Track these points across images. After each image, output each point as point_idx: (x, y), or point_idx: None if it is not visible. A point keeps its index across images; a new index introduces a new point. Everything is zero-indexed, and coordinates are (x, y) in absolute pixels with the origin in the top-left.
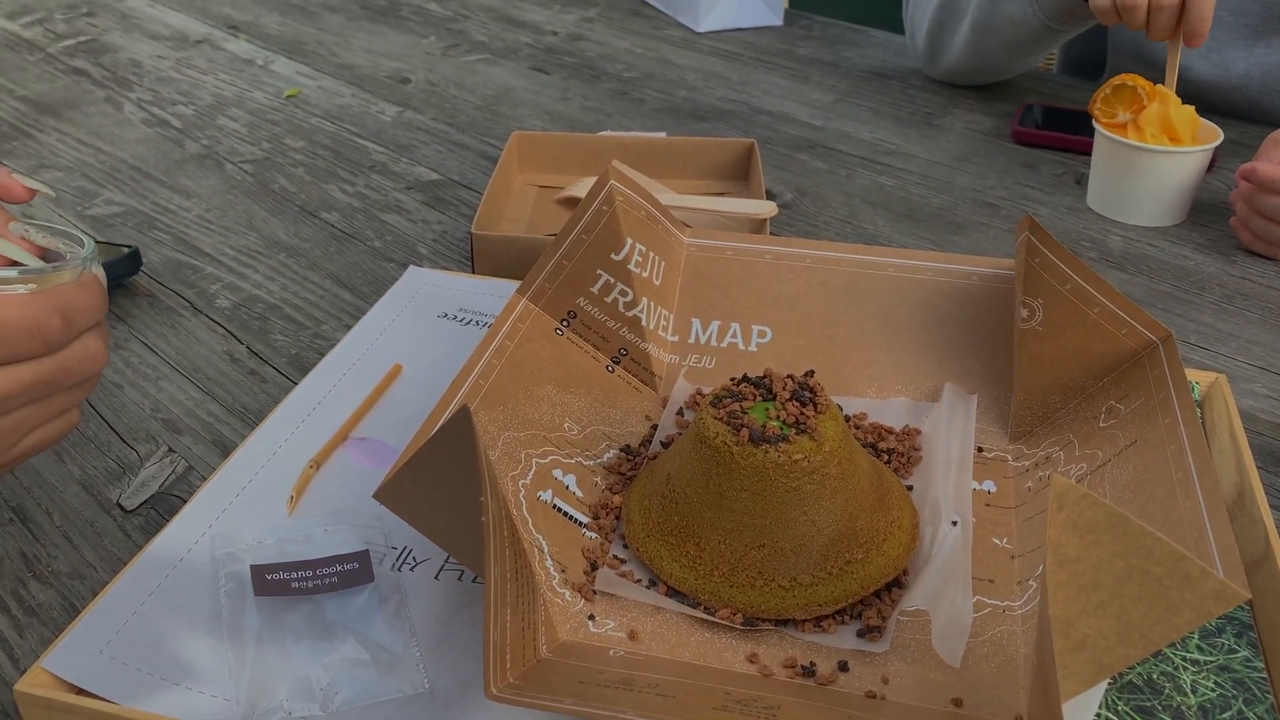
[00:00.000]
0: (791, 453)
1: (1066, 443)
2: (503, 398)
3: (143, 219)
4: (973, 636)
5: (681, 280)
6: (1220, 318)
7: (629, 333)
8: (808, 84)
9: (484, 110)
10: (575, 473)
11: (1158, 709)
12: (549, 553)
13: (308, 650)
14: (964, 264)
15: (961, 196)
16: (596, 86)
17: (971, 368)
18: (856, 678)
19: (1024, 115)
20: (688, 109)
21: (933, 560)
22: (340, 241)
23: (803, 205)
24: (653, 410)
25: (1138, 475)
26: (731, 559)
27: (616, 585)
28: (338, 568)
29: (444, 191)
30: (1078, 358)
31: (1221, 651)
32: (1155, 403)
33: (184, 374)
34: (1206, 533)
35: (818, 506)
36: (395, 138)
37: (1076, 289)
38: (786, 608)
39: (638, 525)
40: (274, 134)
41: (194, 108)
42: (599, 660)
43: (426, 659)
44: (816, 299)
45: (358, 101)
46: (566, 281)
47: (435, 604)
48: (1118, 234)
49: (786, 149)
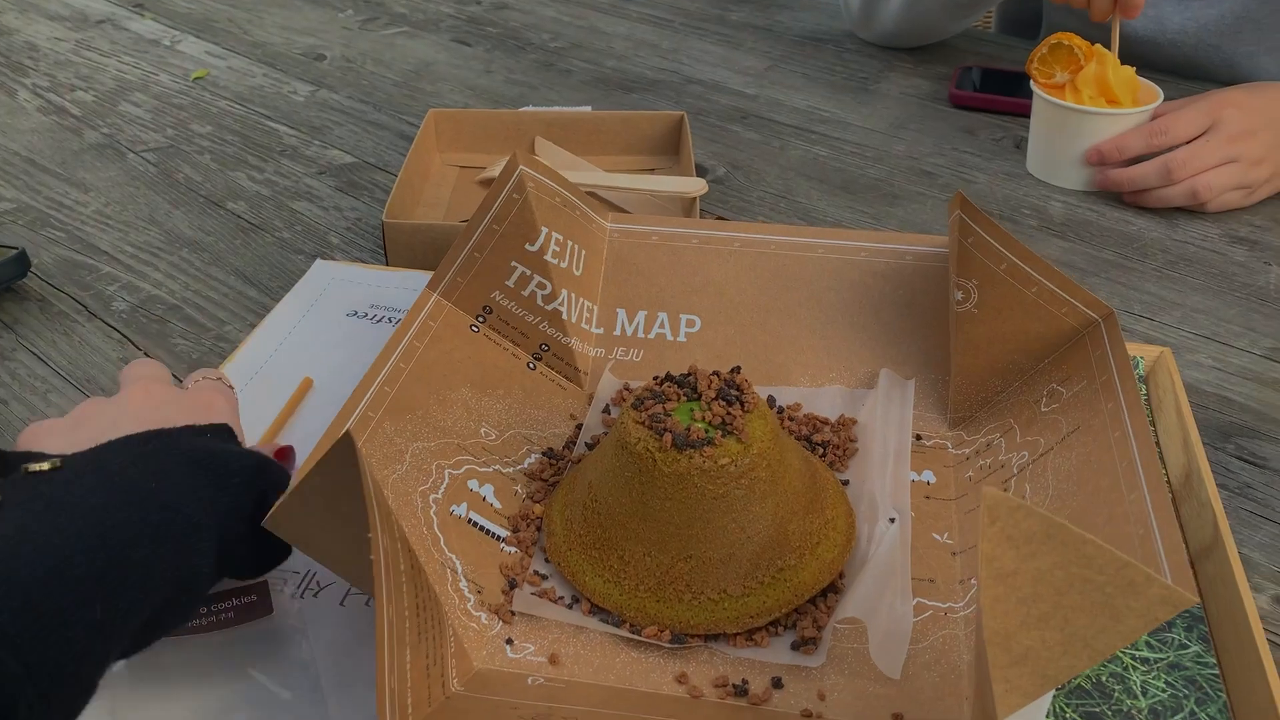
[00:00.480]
0: (717, 457)
1: (1007, 429)
2: (411, 404)
3: (35, 216)
4: (913, 643)
5: (604, 269)
6: (1163, 285)
7: (549, 327)
8: (740, 50)
9: (402, 87)
10: (493, 482)
11: (1107, 714)
12: (463, 573)
13: (202, 695)
14: (898, 243)
15: (898, 165)
16: (521, 58)
17: (908, 352)
18: (791, 695)
19: (961, 78)
20: (616, 80)
21: (870, 562)
22: (246, 233)
23: (735, 180)
24: (578, 408)
25: (1081, 465)
26: (657, 572)
27: (536, 606)
28: (235, 601)
29: (358, 175)
30: (1016, 339)
31: (1172, 648)
32: (1098, 385)
33: (76, 385)
34: (1152, 528)
35: (747, 512)
36: (308, 119)
37: (1012, 268)
38: (716, 621)
39: (559, 537)
40: (180, 119)
41: (94, 93)
42: (516, 692)
43: (331, 696)
44: (746, 284)
45: (269, 82)
46: (479, 275)
47: (341, 632)
48: (1058, 200)
49: (718, 120)
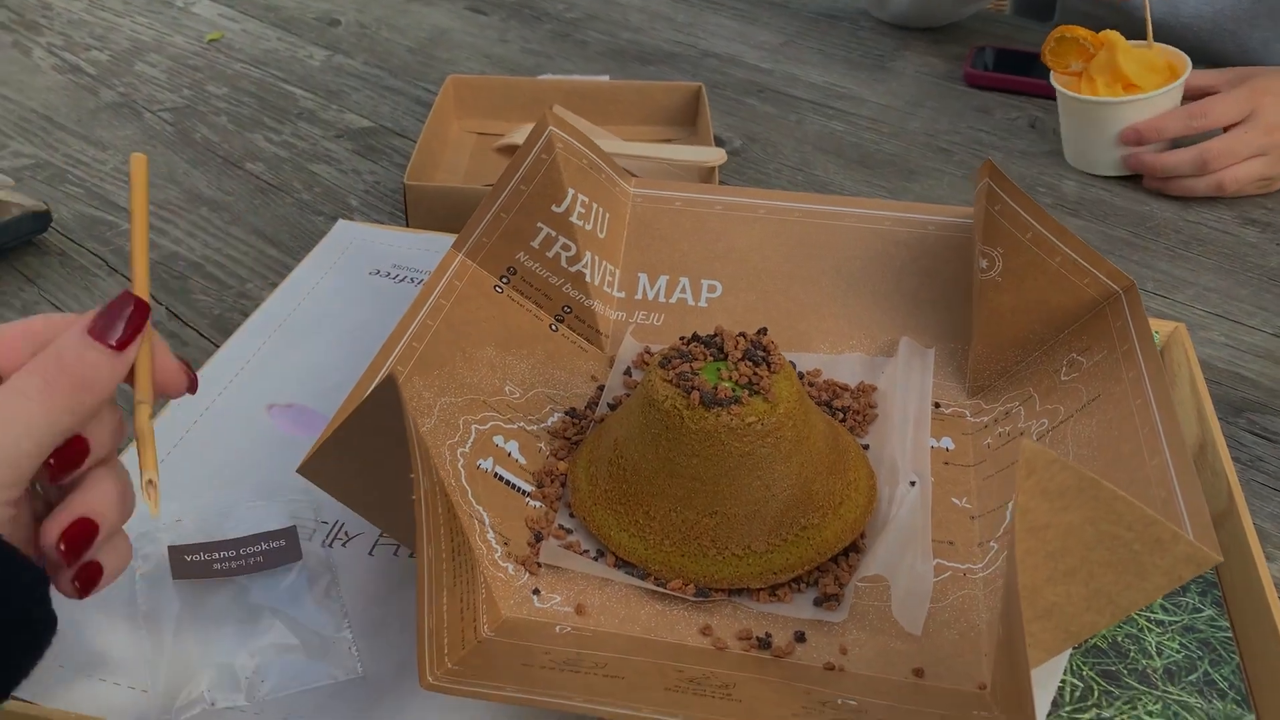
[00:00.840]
0: (744, 415)
1: (1026, 397)
2: (439, 361)
3: (54, 172)
4: (933, 602)
5: (627, 233)
6: (1176, 264)
7: (572, 289)
8: (756, 25)
9: (418, 54)
10: (518, 439)
11: (1123, 673)
12: (490, 525)
13: (231, 636)
14: (921, 213)
15: (914, 142)
16: (537, 28)
17: (929, 321)
18: (814, 648)
19: (976, 58)
20: (633, 51)
21: (891, 523)
22: (266, 194)
23: (752, 152)
24: (599, 370)
25: (1101, 432)
26: (683, 527)
27: (562, 557)
28: (263, 546)
29: (376, 140)
30: (1038, 309)
31: (1186, 611)
32: (1118, 355)
33: None
34: (1175, 492)
35: (772, 471)
36: (324, 83)
37: (1038, 237)
38: (740, 576)
39: (584, 493)
40: (195, 80)
41: (109, 53)
42: (544, 638)
43: (359, 642)
44: (769, 251)
45: (284, 45)
46: (505, 235)
47: (369, 582)
48: (1072, 179)
49: (735, 93)
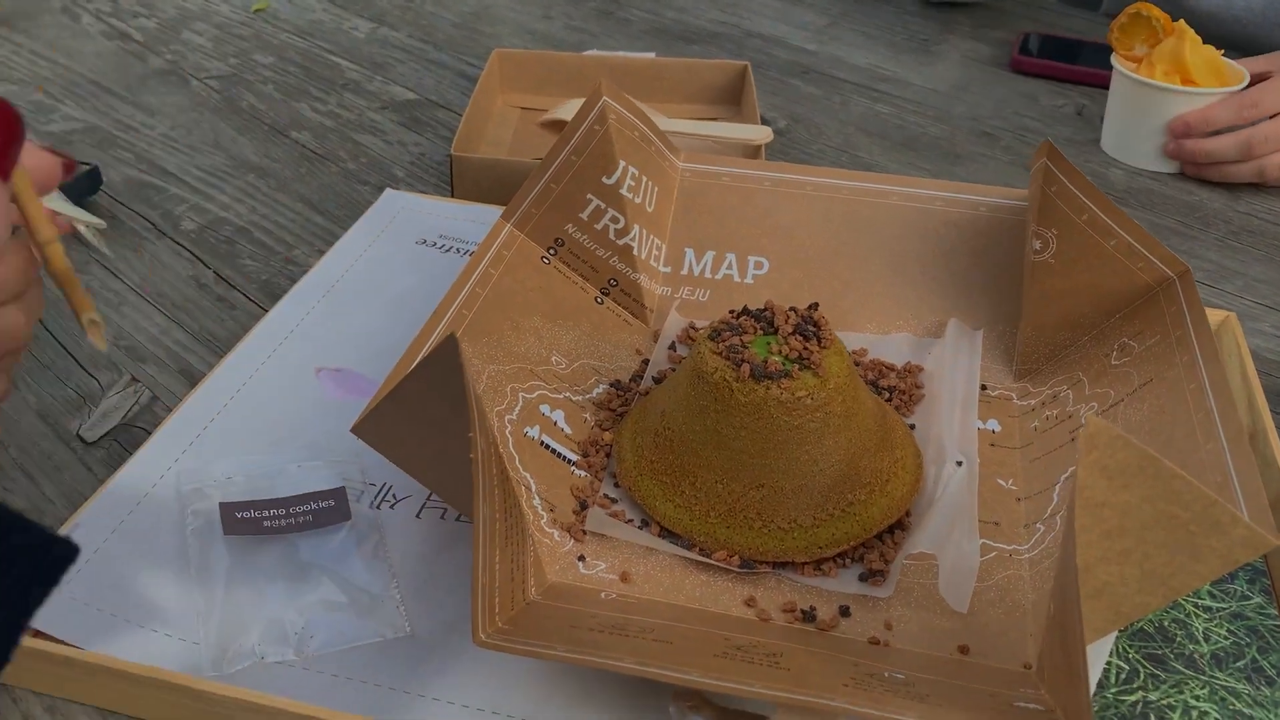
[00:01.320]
0: (795, 389)
1: (1075, 381)
2: (487, 329)
3: (103, 136)
4: (978, 581)
5: (675, 207)
6: (1226, 254)
7: (619, 262)
8: (800, 6)
9: (462, 28)
10: (563, 408)
11: (1169, 657)
12: (537, 491)
13: (281, 592)
14: (972, 193)
15: (959, 126)
16: (581, 5)
17: (978, 302)
18: (859, 623)
19: (1023, 44)
20: (676, 30)
21: (937, 502)
22: (312, 162)
23: (796, 133)
24: (643, 344)
25: (1153, 416)
26: (729, 499)
27: (607, 525)
28: (312, 505)
29: (421, 112)
30: (1090, 292)
31: (1234, 598)
32: (1172, 340)
33: (147, 299)
34: (1231, 476)
35: (820, 445)
36: (369, 55)
37: (1094, 220)
38: (786, 550)
39: (630, 464)
40: (242, 49)
41: (156, 20)
42: (590, 603)
43: (407, 601)
44: (816, 229)
45: (329, 17)
46: (554, 206)
47: (417, 544)
48: (1120, 169)
49: (779, 74)
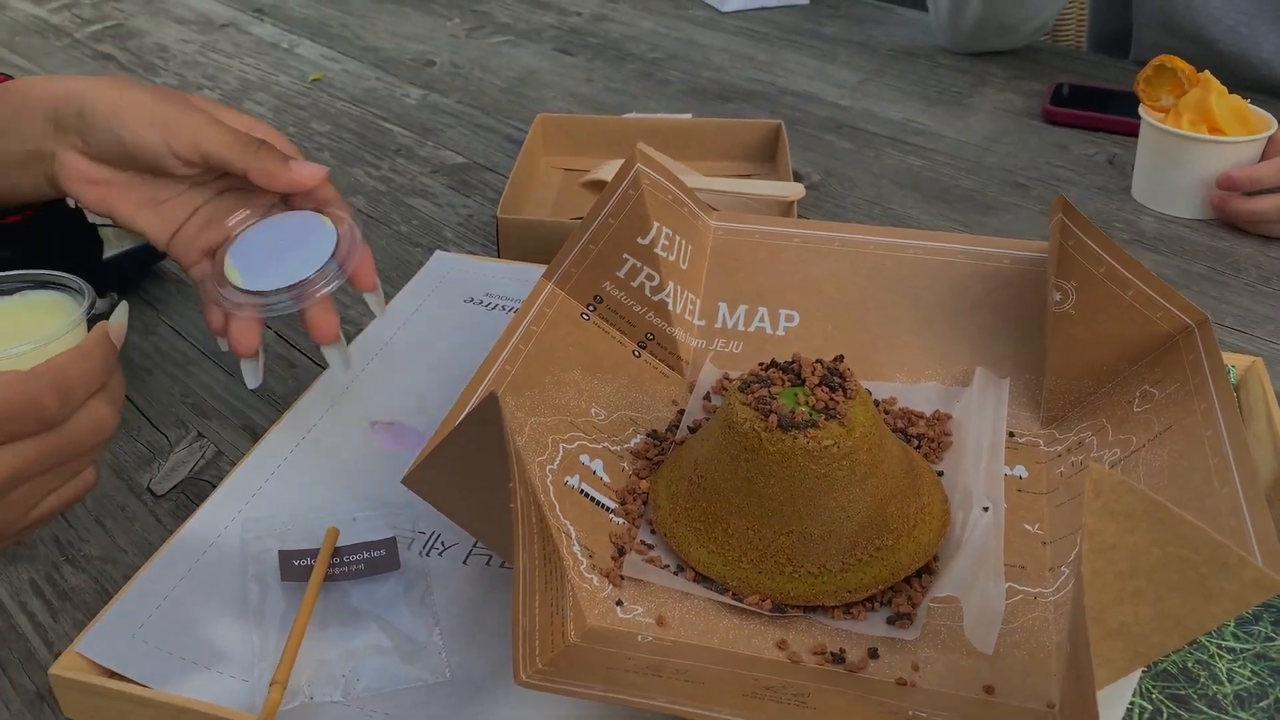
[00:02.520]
0: (821, 438)
1: (1099, 428)
2: (530, 383)
3: None
4: (1004, 624)
5: (708, 264)
6: (1256, 300)
7: (655, 317)
8: (834, 63)
9: (508, 93)
10: (602, 458)
11: (1193, 697)
12: (576, 538)
13: (332, 637)
14: (996, 246)
15: (991, 177)
16: (621, 68)
17: (1003, 352)
18: (887, 665)
19: (1055, 94)
20: (713, 90)
21: (964, 546)
22: (367, 226)
23: (830, 186)
24: (679, 395)
25: (1173, 461)
26: (760, 545)
27: (644, 571)
28: (365, 555)
29: (469, 175)
30: (1111, 342)
31: (1259, 640)
32: (1191, 387)
33: (212, 359)
34: (1245, 520)
35: (848, 493)
36: (420, 121)
37: (1111, 272)
38: (816, 594)
39: (665, 511)
40: (300, 118)
41: (220, 91)
42: (628, 646)
43: (452, 645)
44: (845, 282)
45: (382, 85)
46: (593, 266)
47: (463, 589)
48: (1150, 216)
49: (813, 129)
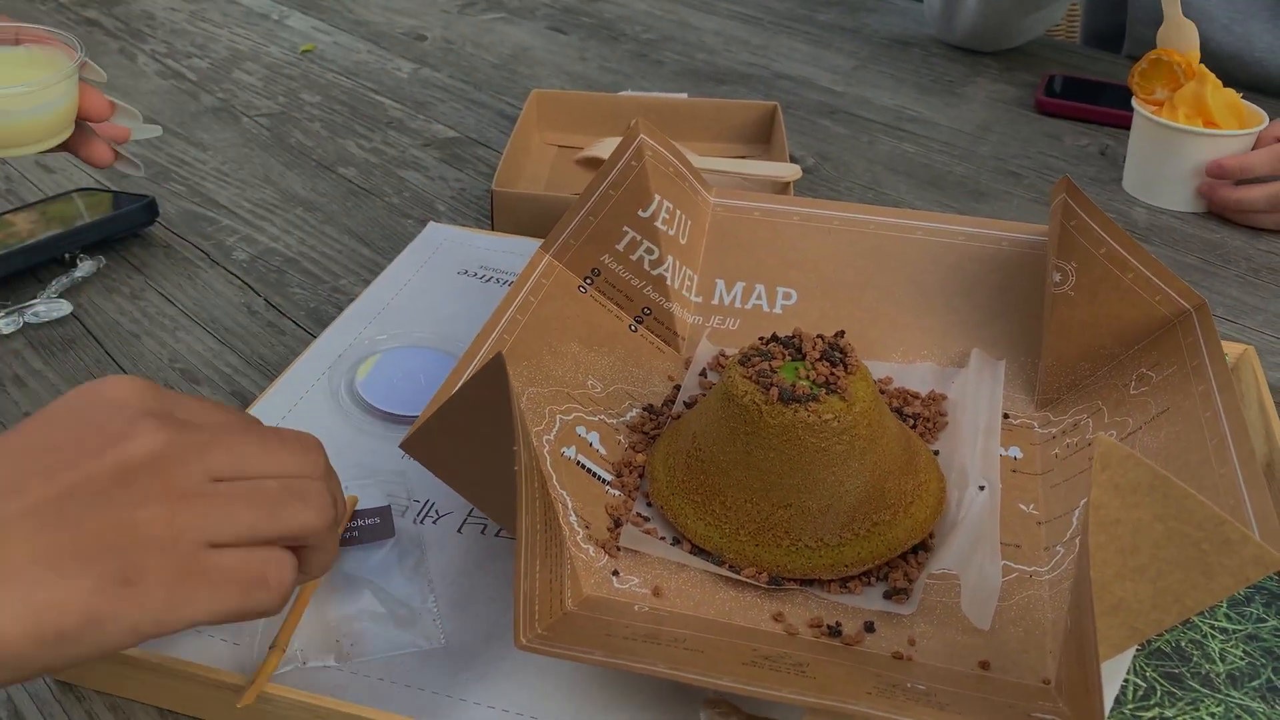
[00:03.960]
0: (821, 412)
1: (1095, 410)
2: (527, 353)
3: (158, 170)
4: (999, 601)
5: (706, 240)
6: (1246, 291)
7: (653, 292)
8: (828, 50)
9: (501, 69)
10: (599, 430)
11: (1186, 675)
12: (573, 508)
13: (325, 602)
14: (994, 229)
15: (984, 165)
16: (615, 47)
17: (1000, 334)
18: (883, 639)
19: (1048, 85)
20: (707, 72)
21: (960, 524)
22: (358, 197)
23: (824, 171)
24: (675, 371)
25: (1170, 442)
26: (758, 518)
27: (641, 542)
28: (359, 523)
29: (462, 149)
30: (1109, 324)
31: (1251, 621)
32: (1188, 370)
33: (201, 325)
34: (1243, 499)
35: (846, 467)
36: (412, 94)
37: (1111, 253)
38: (812, 567)
39: (662, 483)
40: (290, 88)
41: (209, 61)
42: (624, 615)
43: (447, 613)
44: (843, 262)
45: (374, 58)
46: (592, 238)
47: (457, 558)
48: (1142, 207)
49: (807, 114)
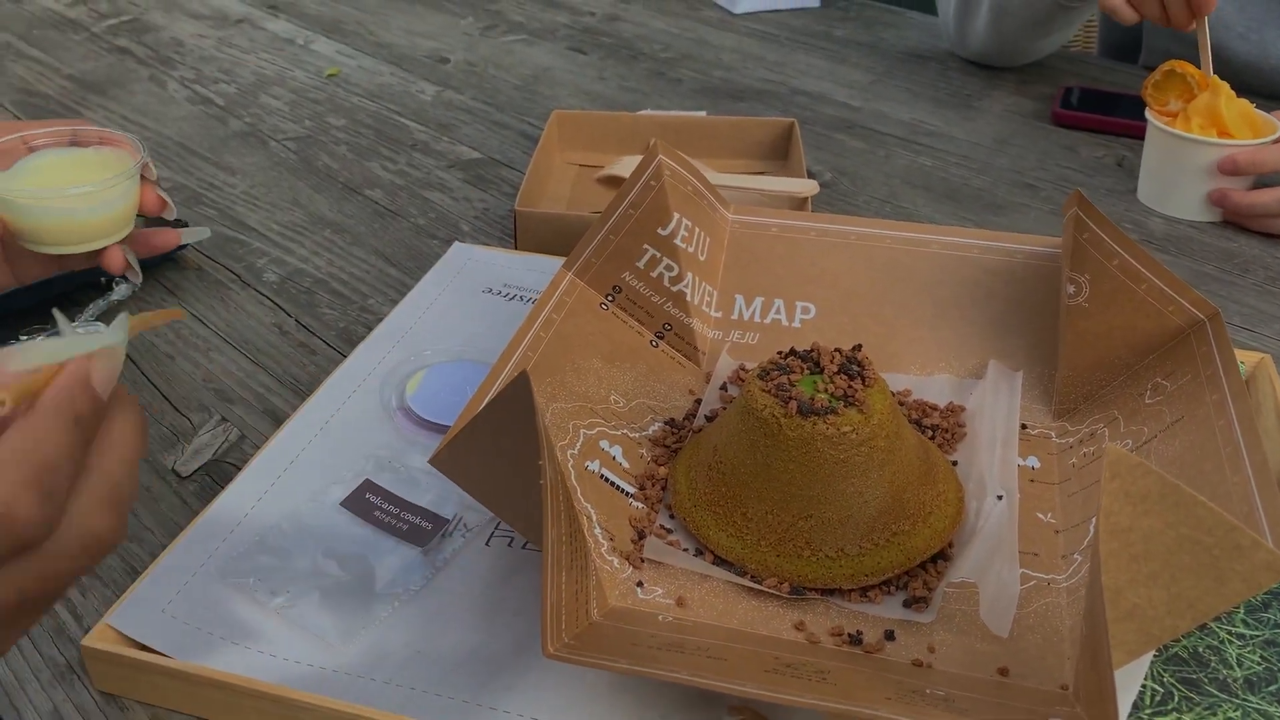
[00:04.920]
0: (840, 425)
1: (1111, 419)
2: (550, 370)
3: (189, 195)
4: (1018, 608)
5: (725, 256)
6: (1264, 299)
7: (673, 308)
8: (845, 65)
9: (523, 90)
10: (621, 444)
11: (1204, 681)
12: (597, 521)
13: (353, 618)
14: (1009, 242)
15: (1001, 177)
16: (634, 66)
17: (1016, 345)
18: (903, 647)
19: (1064, 97)
20: (725, 89)
21: (979, 533)
22: (384, 218)
23: (842, 185)
24: (696, 385)
25: (1184, 451)
26: (779, 529)
27: (664, 553)
28: (411, 520)
29: (485, 170)
30: (1124, 334)
31: (1268, 626)
32: (1202, 379)
33: (234, 345)
34: (1256, 506)
35: (865, 478)
36: (436, 117)
37: (1124, 265)
38: (833, 577)
39: (684, 496)
40: (316, 112)
41: (236, 86)
42: (649, 625)
43: (474, 624)
44: (861, 276)
45: (397, 81)
46: (613, 256)
47: (485, 570)
48: (1159, 217)
49: (824, 129)
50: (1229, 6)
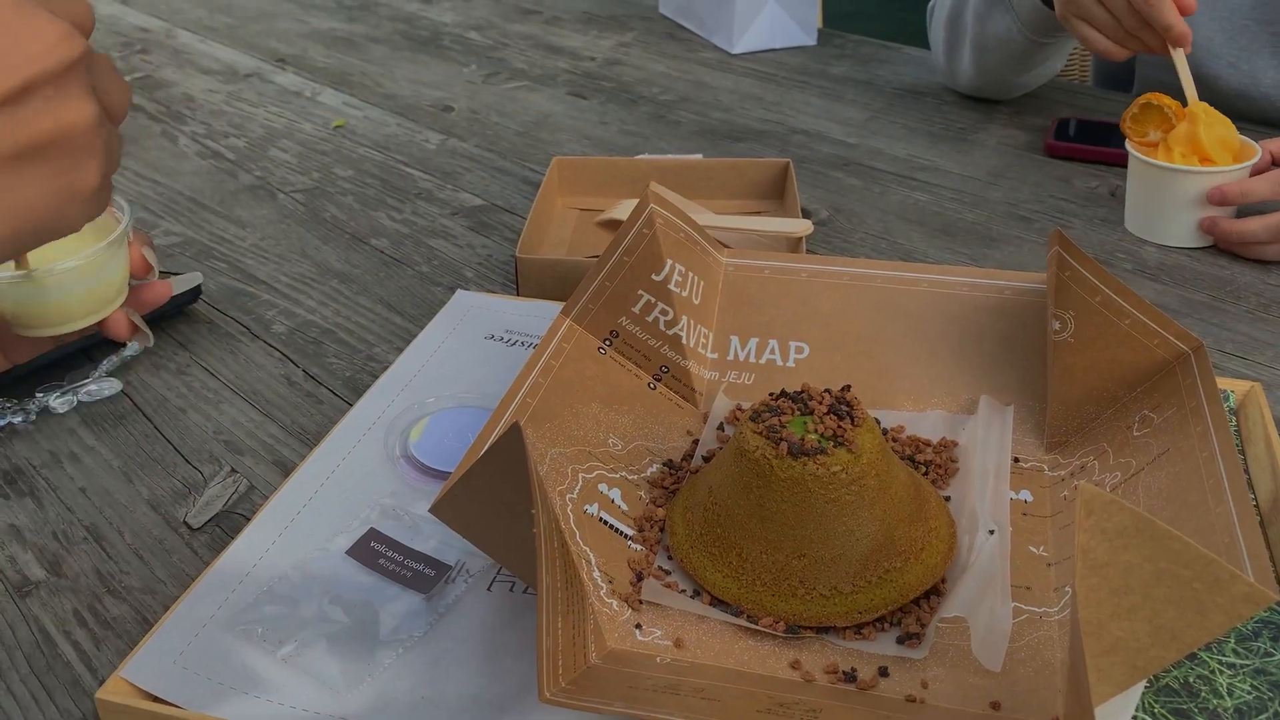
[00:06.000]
0: (830, 464)
1: (1101, 452)
2: (549, 415)
3: (200, 248)
4: (1010, 642)
5: (720, 299)
6: (1256, 326)
7: (670, 351)
8: (841, 102)
9: (525, 136)
10: (620, 487)
11: (1194, 711)
12: (596, 564)
13: (354, 659)
14: (997, 278)
15: (995, 211)
16: (634, 110)
17: (1007, 380)
18: (896, 683)
19: (1058, 129)
20: (724, 130)
21: (971, 568)
22: (390, 267)
23: (838, 222)
24: (694, 426)
25: (1171, 482)
26: (773, 569)
27: (662, 595)
28: (415, 567)
29: (488, 216)
30: (1110, 368)
31: (1257, 655)
32: (1187, 411)
33: (243, 397)
34: (1237, 537)
35: (856, 517)
36: (440, 165)
37: (1107, 301)
38: (827, 615)
39: (681, 537)
40: (323, 164)
41: (246, 140)
42: (646, 667)
43: (476, 667)
44: (853, 315)
45: (403, 130)
46: (609, 302)
47: (487, 614)
48: (1153, 246)
49: (821, 167)
50: (1219, 35)
